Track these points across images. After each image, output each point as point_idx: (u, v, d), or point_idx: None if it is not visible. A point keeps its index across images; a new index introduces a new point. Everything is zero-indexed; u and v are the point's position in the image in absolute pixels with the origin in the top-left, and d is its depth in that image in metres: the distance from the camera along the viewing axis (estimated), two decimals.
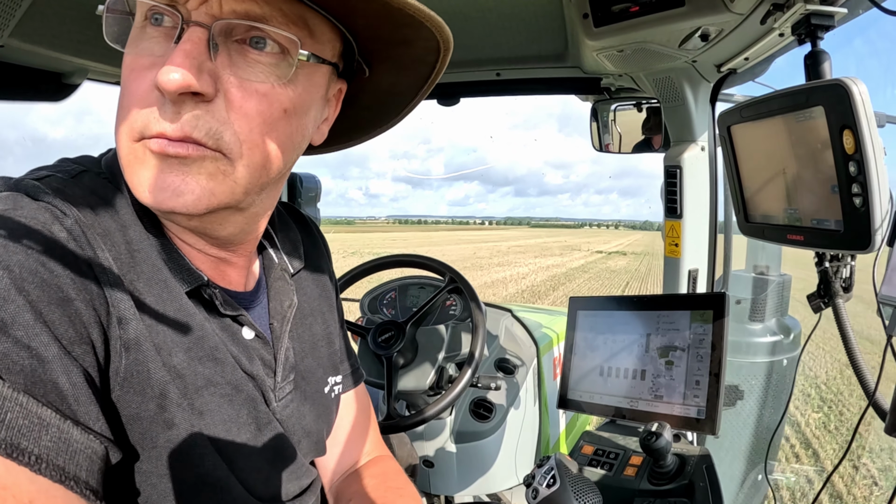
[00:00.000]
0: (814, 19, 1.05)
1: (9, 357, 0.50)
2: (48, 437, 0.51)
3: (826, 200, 0.96)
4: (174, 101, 0.59)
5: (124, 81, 0.63)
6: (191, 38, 0.59)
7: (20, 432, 0.49)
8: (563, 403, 1.41)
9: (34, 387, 0.51)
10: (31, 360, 0.51)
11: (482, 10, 1.50)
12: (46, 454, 0.51)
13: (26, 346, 0.51)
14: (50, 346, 0.53)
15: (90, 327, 0.58)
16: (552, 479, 1.01)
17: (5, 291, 0.52)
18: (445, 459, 2.05)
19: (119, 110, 0.63)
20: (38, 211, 0.59)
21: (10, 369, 0.50)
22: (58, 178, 0.65)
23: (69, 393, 0.54)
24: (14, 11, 1.14)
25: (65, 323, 0.55)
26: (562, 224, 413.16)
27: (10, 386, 0.50)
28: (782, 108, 1.02)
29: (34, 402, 0.51)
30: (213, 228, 0.72)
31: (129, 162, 0.63)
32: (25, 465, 0.49)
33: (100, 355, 0.59)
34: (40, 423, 0.51)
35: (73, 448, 0.53)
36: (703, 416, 1.17)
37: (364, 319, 2.09)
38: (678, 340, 1.25)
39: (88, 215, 0.63)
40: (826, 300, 1.09)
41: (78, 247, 0.59)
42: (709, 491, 1.11)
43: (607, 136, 2.13)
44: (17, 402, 0.50)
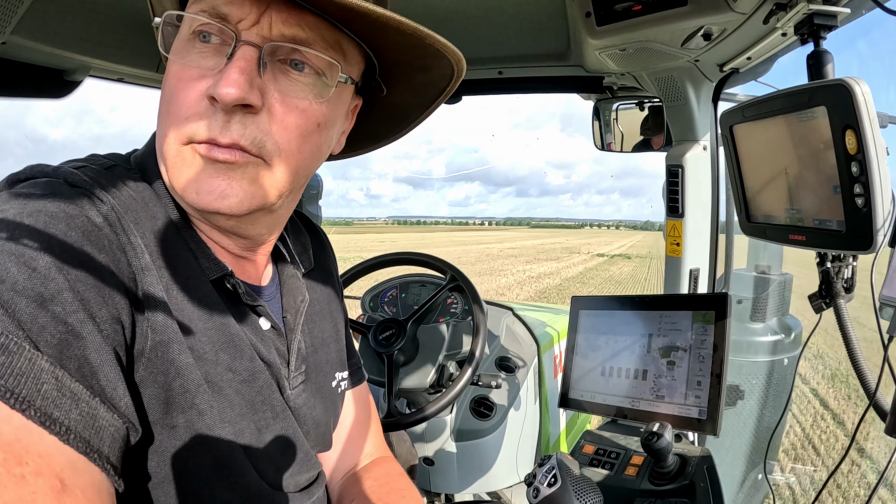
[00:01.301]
0: (816, 19, 1.05)
1: (47, 330, 0.53)
2: (77, 411, 0.53)
3: (828, 201, 0.96)
4: (226, 111, 0.65)
5: (172, 89, 0.68)
6: (244, 55, 0.66)
7: (54, 403, 0.52)
8: (565, 403, 1.41)
9: (68, 361, 0.54)
10: (67, 335, 0.54)
11: (485, 8, 1.50)
12: (76, 426, 0.53)
13: (64, 322, 0.54)
14: (85, 324, 0.56)
15: (121, 309, 0.61)
16: (553, 479, 1.01)
17: (46, 270, 0.55)
18: (446, 458, 2.05)
19: (166, 115, 0.69)
20: (77, 196, 0.62)
21: (48, 342, 0.53)
22: (92, 168, 0.69)
23: (99, 370, 0.57)
24: (16, 8, 1.14)
25: (99, 303, 0.58)
26: (562, 224, 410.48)
27: (47, 359, 0.52)
28: (785, 107, 1.02)
29: (68, 377, 0.53)
30: (244, 228, 0.77)
31: (177, 164, 0.68)
32: (56, 434, 0.51)
33: (127, 336, 0.62)
34: (72, 397, 0.53)
35: (99, 424, 0.55)
36: (705, 417, 1.17)
37: (365, 317, 2.09)
38: (680, 341, 1.25)
39: (122, 204, 0.67)
40: (827, 300, 1.09)
41: (113, 232, 0.63)
42: (710, 491, 1.11)
43: (609, 134, 2.13)
44: (53, 374, 0.52)
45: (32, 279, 0.54)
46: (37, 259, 0.55)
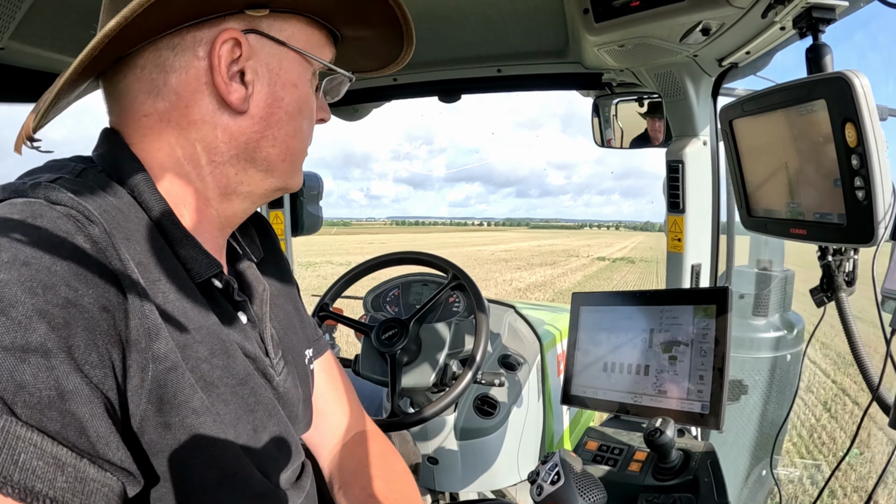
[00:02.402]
0: (815, 12, 1.04)
1: (26, 389, 0.49)
2: (63, 479, 0.50)
3: (828, 194, 0.96)
4: None
5: (312, 112, 0.83)
6: None
7: (34, 474, 0.48)
8: (567, 399, 1.41)
9: (50, 423, 0.50)
10: (49, 392, 0.50)
11: (483, 6, 1.50)
12: (62, 496, 0.50)
13: (45, 378, 0.50)
14: (71, 376, 0.52)
15: (113, 348, 0.57)
16: (556, 476, 1.01)
17: (27, 317, 0.51)
18: (450, 456, 2.05)
19: (306, 132, 0.83)
20: (61, 220, 0.58)
21: (26, 403, 0.49)
22: (68, 179, 0.65)
23: (88, 426, 0.53)
24: (14, 14, 1.14)
25: (88, 347, 0.54)
26: (561, 225, 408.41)
27: (24, 424, 0.49)
28: (784, 101, 1.01)
29: (49, 441, 0.50)
30: None
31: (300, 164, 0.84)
32: None
33: (120, 377, 0.58)
34: (55, 464, 0.50)
35: (89, 488, 0.52)
36: (707, 411, 1.17)
37: (367, 317, 2.09)
38: (681, 335, 1.25)
39: (111, 219, 0.63)
40: (829, 294, 1.09)
41: (103, 258, 0.59)
42: (713, 486, 1.11)
43: (609, 131, 2.13)
44: (31, 441, 0.49)
45: (10, 330, 0.50)
46: (16, 305, 0.51)
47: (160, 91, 0.72)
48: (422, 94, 2.15)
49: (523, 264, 27.34)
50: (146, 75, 0.71)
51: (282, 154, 0.78)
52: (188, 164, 0.74)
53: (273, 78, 0.75)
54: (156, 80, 0.71)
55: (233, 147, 0.75)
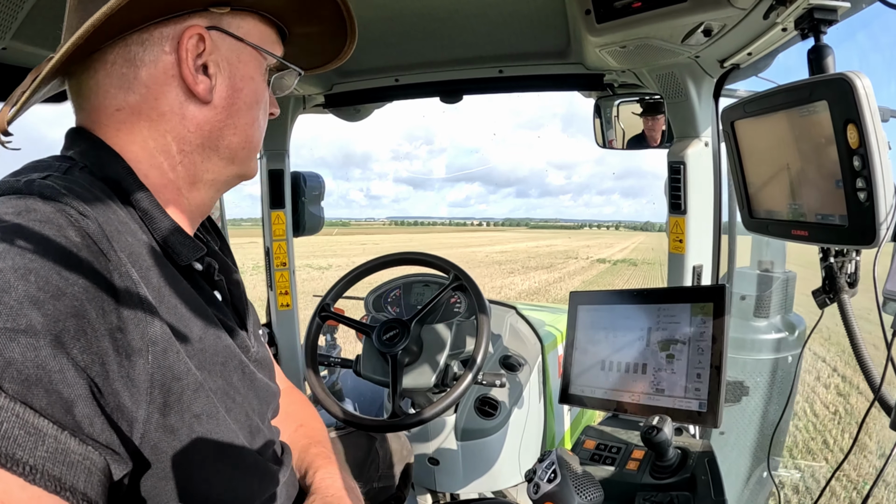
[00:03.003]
0: (816, 14, 1.04)
1: (13, 366, 0.51)
2: (44, 448, 0.52)
3: (830, 195, 0.96)
4: None
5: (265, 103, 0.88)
6: None
7: (15, 442, 0.50)
8: (565, 398, 1.41)
9: (35, 398, 0.52)
10: (36, 371, 0.53)
11: (484, 7, 1.51)
12: (42, 464, 0.52)
13: (32, 358, 0.53)
14: (58, 358, 0.54)
15: (102, 336, 0.60)
16: (553, 474, 1.01)
17: (19, 303, 0.54)
18: (450, 457, 2.05)
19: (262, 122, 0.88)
20: (54, 215, 0.61)
21: (13, 378, 0.51)
22: (56, 177, 0.68)
23: (73, 405, 0.55)
24: (16, 14, 1.14)
25: (78, 333, 0.57)
26: (561, 225, 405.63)
27: (8, 397, 0.51)
28: (786, 102, 1.01)
29: (32, 413, 0.52)
30: None
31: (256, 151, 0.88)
32: (19, 474, 0.50)
33: (110, 361, 0.60)
34: (36, 434, 0.52)
35: (70, 459, 0.54)
36: (705, 409, 1.17)
37: (369, 317, 2.09)
38: (679, 334, 1.25)
39: (101, 213, 0.67)
40: (831, 295, 1.09)
41: (95, 251, 0.62)
42: (711, 484, 1.11)
43: (611, 131, 2.13)
44: (13, 412, 0.51)
45: (1, 313, 0.53)
46: (8, 291, 0.54)
47: (131, 84, 0.75)
48: (423, 94, 2.15)
49: (517, 268, 25.69)
50: (116, 70, 0.75)
51: (242, 142, 0.84)
52: (160, 155, 0.78)
53: (233, 71, 0.81)
54: (126, 75, 0.75)
55: (199, 136, 0.80)
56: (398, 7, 1.50)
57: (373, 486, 1.64)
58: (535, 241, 71.21)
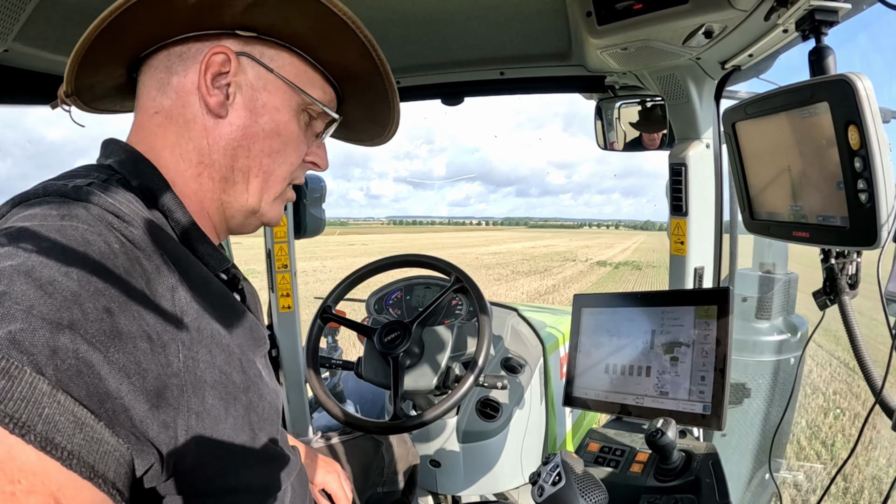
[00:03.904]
0: (818, 15, 1.04)
1: (57, 356, 0.54)
2: (81, 436, 0.54)
3: (831, 197, 0.96)
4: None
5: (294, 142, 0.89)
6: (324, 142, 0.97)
7: (56, 427, 0.52)
8: (569, 401, 1.41)
9: (75, 387, 0.55)
10: (76, 362, 0.55)
11: (485, 8, 1.51)
12: (79, 451, 0.54)
13: (75, 349, 0.55)
14: (97, 353, 0.57)
15: (139, 337, 0.62)
16: (558, 477, 1.01)
17: (64, 298, 0.56)
18: (452, 459, 2.05)
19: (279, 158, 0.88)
20: (96, 221, 0.65)
21: (56, 367, 0.54)
22: (97, 185, 0.72)
23: (108, 398, 0.57)
24: (18, 16, 1.15)
25: (114, 333, 0.59)
26: (560, 224, 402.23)
27: (50, 383, 0.53)
28: (787, 104, 1.01)
29: (71, 401, 0.54)
30: None
31: (279, 196, 0.91)
32: (57, 458, 0.52)
33: (148, 362, 0.63)
34: (75, 422, 0.54)
35: (104, 449, 0.56)
36: (709, 412, 1.17)
37: (370, 319, 2.09)
38: (683, 336, 1.25)
39: (141, 220, 0.72)
40: (832, 297, 1.09)
41: (134, 256, 0.66)
42: (715, 487, 1.11)
43: (612, 133, 2.13)
44: (55, 398, 0.53)
45: (47, 304, 0.55)
46: (54, 284, 0.57)
47: (165, 89, 0.82)
48: (425, 97, 2.16)
49: (507, 273, 23.26)
50: (157, 74, 0.83)
51: (255, 168, 0.86)
52: (185, 162, 0.83)
53: (255, 95, 0.84)
54: (162, 79, 0.82)
55: (216, 150, 0.83)
56: (399, 10, 1.50)
57: (377, 491, 1.64)
58: (532, 241, 69.40)
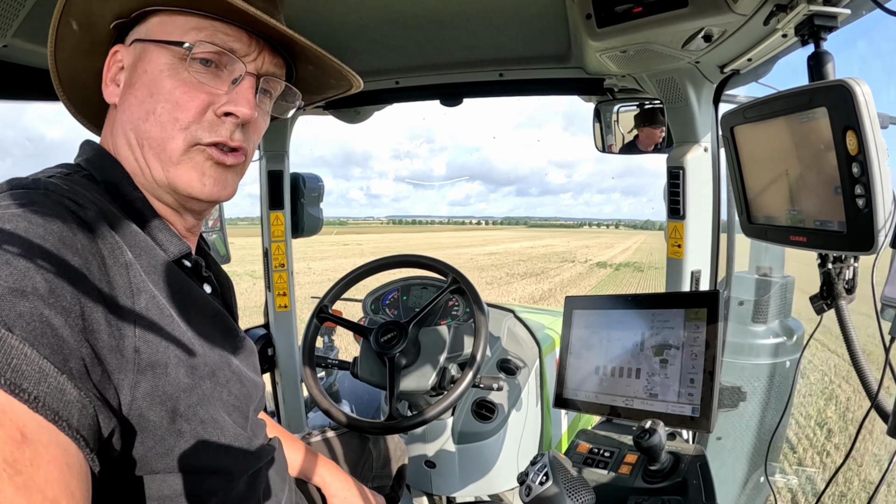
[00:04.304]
0: (817, 20, 1.05)
1: (23, 318, 0.59)
2: (46, 385, 0.59)
3: (829, 201, 0.96)
4: (235, 123, 0.86)
5: (177, 98, 0.83)
6: (251, 84, 0.87)
7: (23, 375, 0.57)
8: (560, 402, 1.41)
9: (41, 346, 0.59)
10: (40, 324, 0.60)
11: (485, 10, 1.51)
12: (44, 397, 0.58)
13: (39, 313, 0.60)
14: (58, 317, 0.62)
15: (95, 305, 0.67)
16: (545, 477, 1.02)
17: (25, 269, 0.61)
18: (447, 460, 2.05)
19: (167, 119, 0.83)
20: (55, 205, 0.70)
21: (23, 327, 0.59)
22: (58, 176, 0.79)
23: (70, 358, 0.62)
24: (17, 11, 1.14)
25: (73, 301, 0.64)
26: (560, 224, 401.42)
27: (18, 338, 0.58)
28: (785, 109, 1.02)
29: (37, 355, 0.59)
30: (208, 210, 0.98)
31: (184, 161, 0.85)
32: (24, 401, 0.57)
33: (104, 331, 0.67)
34: (41, 373, 0.58)
35: (67, 399, 0.60)
36: (698, 414, 1.17)
37: (366, 320, 2.09)
38: (673, 339, 1.25)
39: (99, 205, 0.76)
40: (829, 301, 1.09)
41: (91, 233, 0.71)
42: (702, 488, 1.11)
43: (610, 136, 2.13)
44: (22, 352, 0.58)
45: (13, 275, 0.60)
46: (17, 259, 0.62)
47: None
48: (423, 97, 2.16)
49: (501, 275, 21.91)
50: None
51: (139, 137, 0.85)
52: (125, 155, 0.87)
53: (134, 71, 0.85)
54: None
55: (120, 136, 0.87)
56: (399, 10, 1.50)
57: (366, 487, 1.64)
58: (531, 240, 68.28)
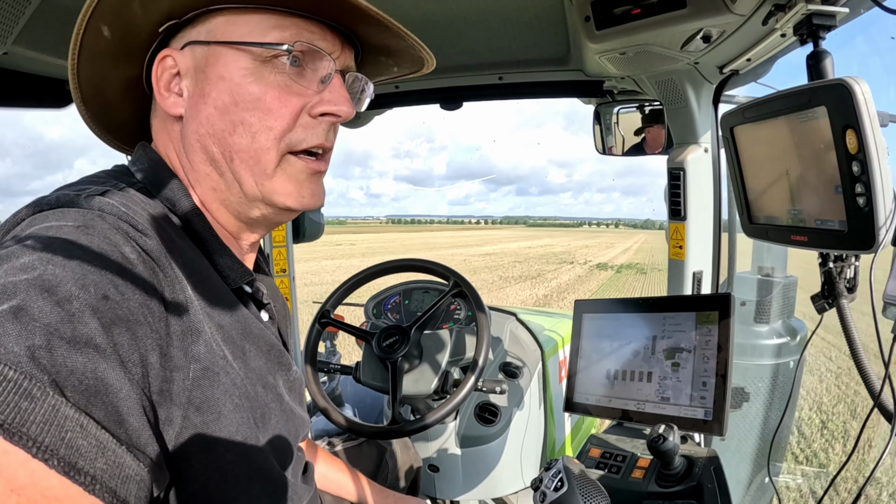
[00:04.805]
0: (815, 19, 1.05)
1: (75, 375, 0.52)
2: (103, 461, 0.53)
3: (829, 201, 0.96)
4: (330, 123, 0.82)
5: (268, 103, 0.77)
6: (341, 81, 0.82)
7: (78, 452, 0.51)
8: (570, 406, 1.41)
9: (95, 409, 0.53)
10: (95, 382, 0.53)
11: (484, 13, 1.51)
12: (101, 476, 0.52)
13: (93, 368, 0.54)
14: (115, 370, 0.56)
15: (152, 351, 0.61)
16: (560, 483, 1.01)
17: (81, 311, 0.55)
18: (450, 463, 2.05)
19: (256, 125, 0.77)
20: (111, 231, 0.64)
21: (76, 387, 0.52)
22: (114, 193, 0.71)
23: (127, 419, 0.56)
24: (17, 19, 1.15)
25: (132, 346, 0.58)
26: (559, 223, 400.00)
27: (72, 406, 0.51)
28: (785, 108, 1.02)
29: (94, 425, 0.53)
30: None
31: (279, 174, 0.80)
32: (80, 484, 0.51)
33: (158, 377, 0.62)
34: (98, 446, 0.53)
35: (126, 473, 0.55)
36: (710, 418, 1.17)
37: (368, 324, 2.09)
38: (684, 342, 1.25)
39: (158, 231, 0.70)
40: (830, 301, 1.09)
41: (150, 267, 0.65)
42: (717, 492, 1.11)
43: (610, 138, 2.13)
44: (77, 422, 0.51)
45: (65, 320, 0.53)
46: (71, 300, 0.55)
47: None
48: (423, 101, 2.16)
49: (493, 279, 20.75)
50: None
51: (225, 151, 0.78)
52: (185, 171, 0.82)
53: (200, 76, 0.78)
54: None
55: (191, 152, 0.80)
56: (398, 14, 1.49)
57: None
58: (529, 240, 66.61)
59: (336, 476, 1.39)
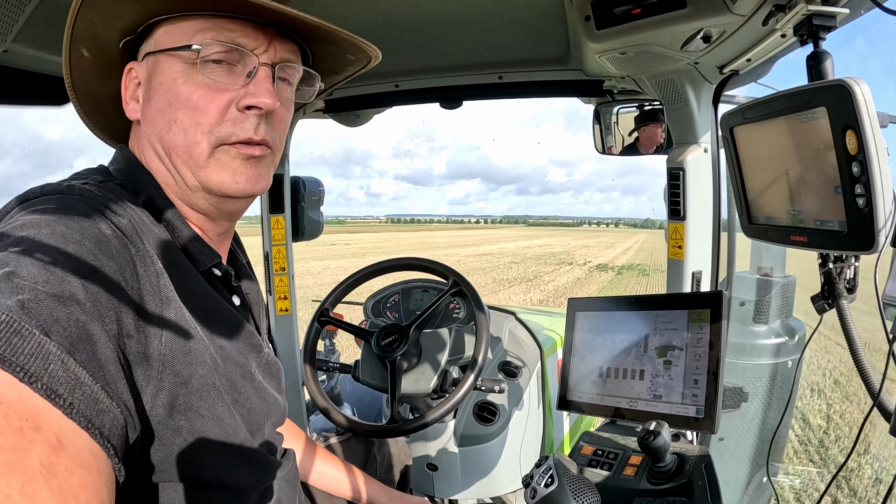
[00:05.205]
0: (815, 20, 1.05)
1: (59, 323, 0.60)
2: (81, 392, 0.59)
3: (829, 201, 0.96)
4: (258, 116, 0.85)
5: (195, 101, 0.83)
6: (266, 74, 0.86)
7: (59, 381, 0.58)
8: (564, 404, 1.41)
9: (77, 353, 0.61)
10: (77, 332, 0.61)
11: (484, 13, 1.51)
12: (78, 404, 0.59)
13: (76, 319, 0.62)
14: (94, 324, 0.63)
15: (126, 314, 0.69)
16: (550, 479, 1.01)
17: (63, 274, 0.63)
18: (449, 462, 2.05)
19: (189, 123, 0.83)
20: (90, 211, 0.72)
21: (59, 333, 0.60)
22: (93, 183, 0.80)
23: (104, 366, 0.64)
24: (17, 17, 1.15)
25: (108, 307, 0.66)
26: (559, 223, 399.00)
27: (57, 345, 0.59)
28: (785, 109, 1.02)
29: (74, 363, 0.60)
30: (242, 208, 0.97)
31: (212, 163, 0.85)
32: (60, 407, 0.57)
33: (132, 340, 0.69)
34: (76, 380, 0.59)
35: (101, 407, 0.61)
36: (702, 415, 1.17)
37: (367, 323, 2.09)
38: (676, 340, 1.25)
39: (133, 214, 0.79)
40: (830, 301, 1.09)
41: (124, 242, 0.73)
42: (708, 490, 1.11)
43: (610, 137, 2.13)
44: (60, 358, 0.59)
45: (51, 281, 0.62)
46: (56, 265, 0.63)
47: None
48: (423, 100, 2.16)
49: (486, 281, 20.30)
50: None
51: (165, 148, 0.86)
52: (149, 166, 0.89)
53: (147, 84, 0.87)
54: None
55: (147, 150, 0.88)
56: (398, 13, 1.50)
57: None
58: (528, 240, 66.04)
59: (339, 475, 1.42)
